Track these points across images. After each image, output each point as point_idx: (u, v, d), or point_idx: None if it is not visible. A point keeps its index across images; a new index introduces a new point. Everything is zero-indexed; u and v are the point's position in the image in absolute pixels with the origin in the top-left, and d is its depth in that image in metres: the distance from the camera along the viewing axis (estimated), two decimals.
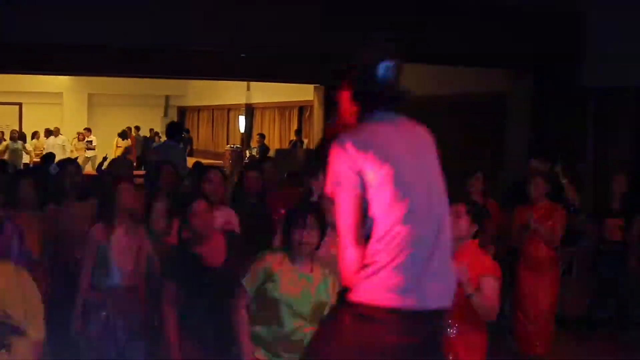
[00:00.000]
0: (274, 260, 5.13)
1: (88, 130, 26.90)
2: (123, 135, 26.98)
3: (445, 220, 3.65)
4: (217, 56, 15.93)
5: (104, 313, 6.30)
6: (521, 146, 13.06)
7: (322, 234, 5.23)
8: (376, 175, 3.51)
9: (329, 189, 3.59)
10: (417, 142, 3.68)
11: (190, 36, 11.33)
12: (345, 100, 3.73)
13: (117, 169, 9.00)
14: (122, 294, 6.34)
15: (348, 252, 3.58)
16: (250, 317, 5.15)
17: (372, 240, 3.56)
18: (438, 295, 3.62)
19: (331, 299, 5.01)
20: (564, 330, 9.73)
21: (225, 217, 6.87)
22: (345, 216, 3.56)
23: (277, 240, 6.24)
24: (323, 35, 11.69)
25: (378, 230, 3.54)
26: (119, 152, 24.47)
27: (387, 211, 3.53)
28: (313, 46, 11.91)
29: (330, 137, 3.68)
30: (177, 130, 12.18)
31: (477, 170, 8.95)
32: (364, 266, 3.56)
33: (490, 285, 5.44)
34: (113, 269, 6.30)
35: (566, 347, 9.33)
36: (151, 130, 29.03)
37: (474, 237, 5.58)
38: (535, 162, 9.59)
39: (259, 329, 5.11)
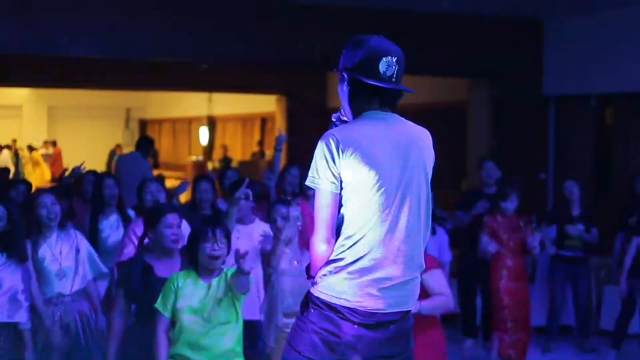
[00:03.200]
0: (181, 279, 5.13)
1: (53, 143, 26.68)
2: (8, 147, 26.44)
3: (414, 229, 3.64)
4: (178, 68, 15.90)
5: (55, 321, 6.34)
6: (482, 155, 13.10)
7: (229, 247, 5.22)
8: (354, 177, 3.54)
9: (309, 180, 3.62)
10: (407, 146, 3.64)
11: (151, 47, 11.27)
12: (343, 94, 3.71)
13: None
14: (69, 301, 6.39)
15: (318, 247, 3.64)
16: (171, 338, 5.12)
17: (340, 238, 3.62)
18: (399, 298, 3.64)
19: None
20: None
21: None
22: (320, 212, 3.62)
23: None
24: (284, 46, 11.69)
25: (347, 229, 3.59)
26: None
27: (359, 213, 3.57)
28: (274, 57, 11.89)
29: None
30: (147, 144, 12.21)
31: None
32: (329, 262, 3.62)
33: (437, 278, 5.49)
34: (53, 277, 6.38)
35: (530, 355, 9.34)
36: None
37: None
38: (489, 165, 9.64)
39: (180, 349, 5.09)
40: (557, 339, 9.83)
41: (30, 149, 25.80)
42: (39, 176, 23.32)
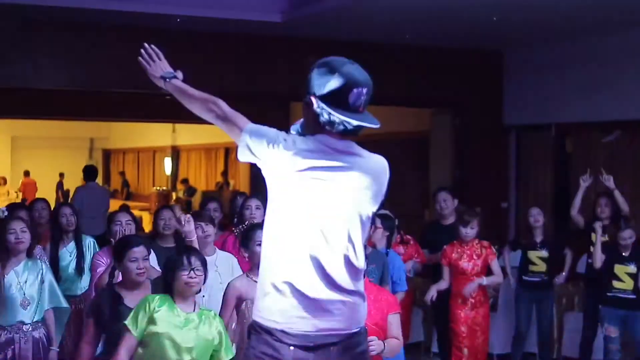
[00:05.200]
0: (156, 302, 5.04)
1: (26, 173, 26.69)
2: None
3: (346, 253, 3.57)
4: (141, 98, 15.87)
5: (11, 350, 6.43)
6: (445, 184, 13.21)
7: (205, 275, 5.19)
8: (284, 187, 3.55)
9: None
10: (357, 177, 3.61)
11: (116, 79, 11.28)
12: (307, 118, 3.70)
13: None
14: (28, 329, 6.50)
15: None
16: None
17: (270, 260, 3.60)
18: (330, 321, 3.56)
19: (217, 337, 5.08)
20: None
21: None
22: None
23: None
24: (245, 75, 11.76)
25: (276, 251, 3.57)
26: None
27: (287, 235, 3.54)
28: (237, 86, 11.93)
29: None
30: (93, 172, 12.58)
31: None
32: (260, 285, 3.62)
33: (398, 323, 5.55)
34: (17, 306, 6.48)
35: None
36: None
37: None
38: (444, 194, 9.65)
39: None
40: None
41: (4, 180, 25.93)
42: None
